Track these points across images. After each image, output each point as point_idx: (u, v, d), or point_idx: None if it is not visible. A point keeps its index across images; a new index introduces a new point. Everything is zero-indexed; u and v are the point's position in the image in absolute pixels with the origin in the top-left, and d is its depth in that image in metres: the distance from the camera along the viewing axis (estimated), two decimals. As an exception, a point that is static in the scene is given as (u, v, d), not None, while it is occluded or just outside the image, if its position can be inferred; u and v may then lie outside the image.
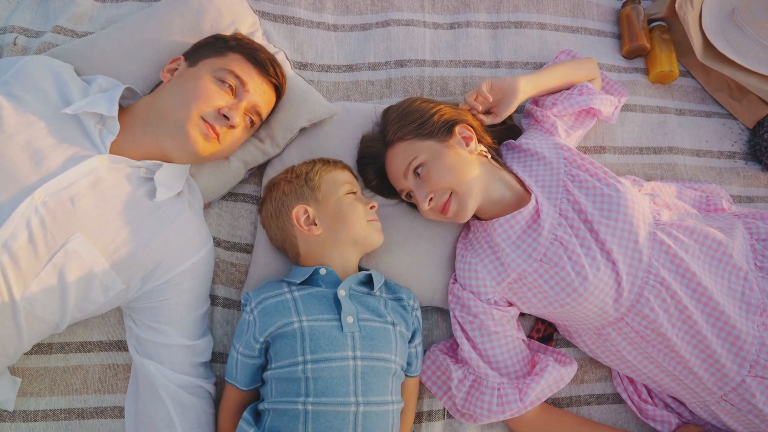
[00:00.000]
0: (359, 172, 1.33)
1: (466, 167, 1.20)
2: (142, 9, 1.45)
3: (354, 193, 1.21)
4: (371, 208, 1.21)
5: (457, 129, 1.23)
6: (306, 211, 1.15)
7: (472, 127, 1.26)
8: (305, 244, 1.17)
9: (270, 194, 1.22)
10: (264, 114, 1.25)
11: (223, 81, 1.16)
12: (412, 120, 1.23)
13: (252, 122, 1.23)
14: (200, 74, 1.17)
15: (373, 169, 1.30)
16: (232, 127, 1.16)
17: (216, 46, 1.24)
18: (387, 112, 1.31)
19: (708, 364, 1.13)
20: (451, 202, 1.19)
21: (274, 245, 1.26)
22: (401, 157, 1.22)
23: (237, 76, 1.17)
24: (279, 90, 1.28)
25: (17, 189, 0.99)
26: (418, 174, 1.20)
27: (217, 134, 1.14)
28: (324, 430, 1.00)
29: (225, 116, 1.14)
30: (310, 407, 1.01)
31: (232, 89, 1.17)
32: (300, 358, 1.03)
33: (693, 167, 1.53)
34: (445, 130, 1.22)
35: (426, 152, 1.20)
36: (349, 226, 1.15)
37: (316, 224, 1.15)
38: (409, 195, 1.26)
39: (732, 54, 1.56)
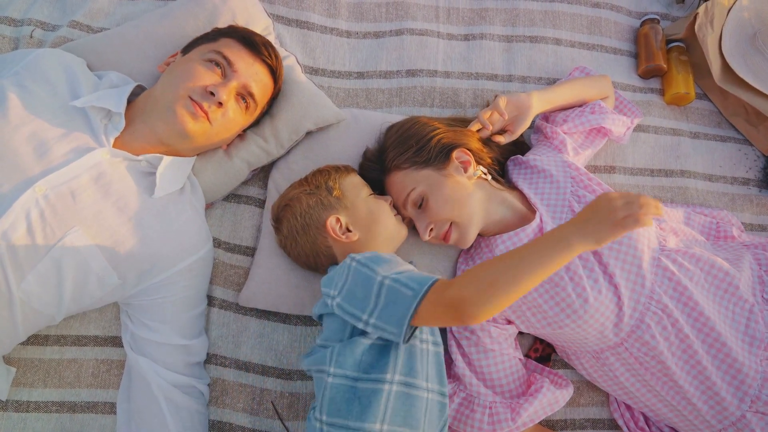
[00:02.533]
0: None
1: (465, 197, 1.19)
2: (158, 8, 1.46)
3: (372, 193, 1.22)
4: (391, 205, 1.22)
5: (455, 154, 1.22)
6: (338, 220, 1.13)
7: (470, 150, 1.25)
8: (342, 251, 1.14)
9: (290, 212, 1.18)
10: (258, 95, 1.23)
11: (211, 62, 1.17)
12: (409, 146, 1.22)
13: (247, 104, 1.22)
14: (190, 58, 1.19)
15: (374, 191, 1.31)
16: (221, 104, 1.15)
17: (210, 34, 1.25)
18: (388, 132, 1.31)
19: (707, 396, 1.10)
20: (452, 232, 1.19)
21: (301, 263, 1.22)
22: (399, 188, 1.22)
23: (225, 57, 1.18)
24: (274, 72, 1.27)
25: (19, 180, 1.00)
26: (420, 205, 1.20)
27: (206, 112, 1.14)
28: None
29: (212, 93, 1.14)
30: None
31: (221, 69, 1.18)
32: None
33: (705, 192, 1.50)
34: (442, 156, 1.21)
35: (423, 183, 1.19)
36: (384, 224, 1.16)
37: (350, 230, 1.14)
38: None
39: (751, 79, 1.53)
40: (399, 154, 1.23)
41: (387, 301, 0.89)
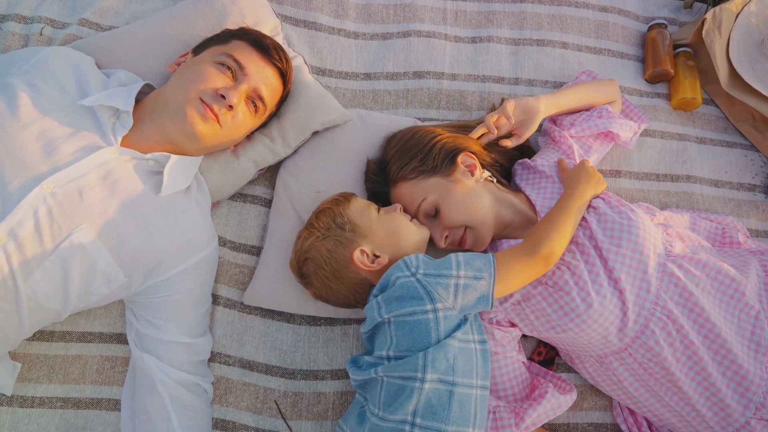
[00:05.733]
0: (368, 198, 1.32)
1: (476, 200, 1.19)
2: (167, 6, 1.47)
3: (379, 209, 1.19)
4: (401, 211, 1.20)
5: (460, 159, 1.22)
6: (363, 252, 1.10)
7: (474, 153, 1.25)
8: (378, 276, 1.09)
9: (313, 264, 1.13)
10: (268, 99, 1.23)
11: (222, 64, 1.18)
12: (412, 156, 1.22)
13: (256, 108, 1.22)
14: (201, 60, 1.20)
15: (380, 202, 1.30)
16: (231, 107, 1.16)
17: (221, 35, 1.26)
18: (388, 145, 1.30)
19: (712, 403, 1.10)
20: (467, 236, 1.20)
21: (341, 305, 1.18)
22: (408, 199, 1.22)
23: (236, 60, 1.18)
24: (284, 75, 1.27)
25: (28, 177, 1.00)
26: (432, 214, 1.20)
27: (216, 115, 1.14)
28: None
29: (222, 96, 1.14)
30: None
31: (231, 72, 1.18)
32: None
33: (711, 197, 1.50)
34: (447, 162, 1.21)
35: (433, 191, 1.19)
36: (406, 235, 1.14)
37: (378, 256, 1.11)
38: None
39: (759, 85, 1.52)
40: (404, 165, 1.22)
41: (468, 257, 1.02)
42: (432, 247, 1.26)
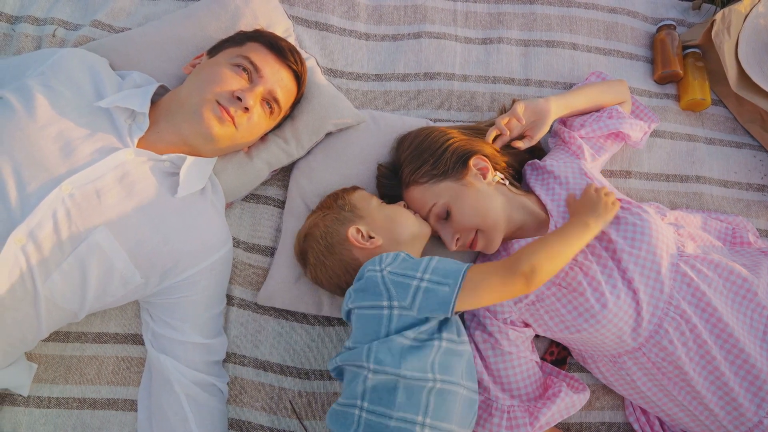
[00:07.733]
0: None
1: (488, 204, 1.20)
2: (180, 8, 1.47)
3: (381, 201, 1.22)
4: (403, 206, 1.23)
5: (472, 162, 1.23)
6: (358, 230, 1.14)
7: (486, 156, 1.25)
8: (370, 257, 1.10)
9: (312, 239, 1.18)
10: (283, 101, 1.24)
11: (238, 66, 1.18)
12: (424, 159, 1.23)
13: (271, 109, 1.23)
14: (217, 62, 1.20)
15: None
16: (247, 109, 1.16)
17: (236, 37, 1.26)
18: (399, 146, 1.31)
19: (725, 402, 1.10)
20: (478, 239, 1.20)
21: (333, 286, 1.19)
22: (420, 203, 1.23)
23: (252, 62, 1.19)
24: (299, 77, 1.28)
25: (46, 179, 1.01)
26: (444, 217, 1.20)
27: (232, 117, 1.15)
28: None
29: (239, 98, 1.15)
30: None
31: (247, 74, 1.18)
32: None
33: (720, 198, 1.51)
34: (459, 165, 1.22)
35: (445, 195, 1.20)
36: (405, 224, 1.17)
37: (372, 237, 1.14)
38: None
39: (767, 86, 1.53)
40: (416, 169, 1.23)
41: (443, 262, 1.01)
42: (433, 246, 1.27)
